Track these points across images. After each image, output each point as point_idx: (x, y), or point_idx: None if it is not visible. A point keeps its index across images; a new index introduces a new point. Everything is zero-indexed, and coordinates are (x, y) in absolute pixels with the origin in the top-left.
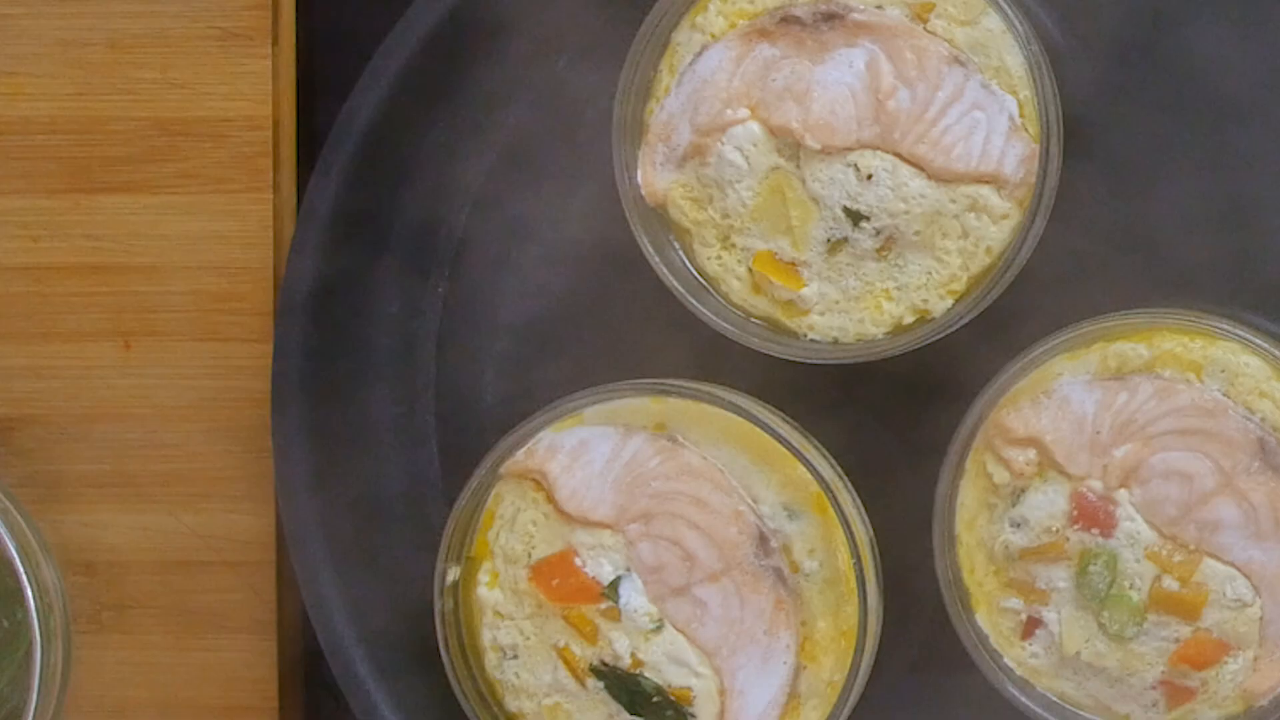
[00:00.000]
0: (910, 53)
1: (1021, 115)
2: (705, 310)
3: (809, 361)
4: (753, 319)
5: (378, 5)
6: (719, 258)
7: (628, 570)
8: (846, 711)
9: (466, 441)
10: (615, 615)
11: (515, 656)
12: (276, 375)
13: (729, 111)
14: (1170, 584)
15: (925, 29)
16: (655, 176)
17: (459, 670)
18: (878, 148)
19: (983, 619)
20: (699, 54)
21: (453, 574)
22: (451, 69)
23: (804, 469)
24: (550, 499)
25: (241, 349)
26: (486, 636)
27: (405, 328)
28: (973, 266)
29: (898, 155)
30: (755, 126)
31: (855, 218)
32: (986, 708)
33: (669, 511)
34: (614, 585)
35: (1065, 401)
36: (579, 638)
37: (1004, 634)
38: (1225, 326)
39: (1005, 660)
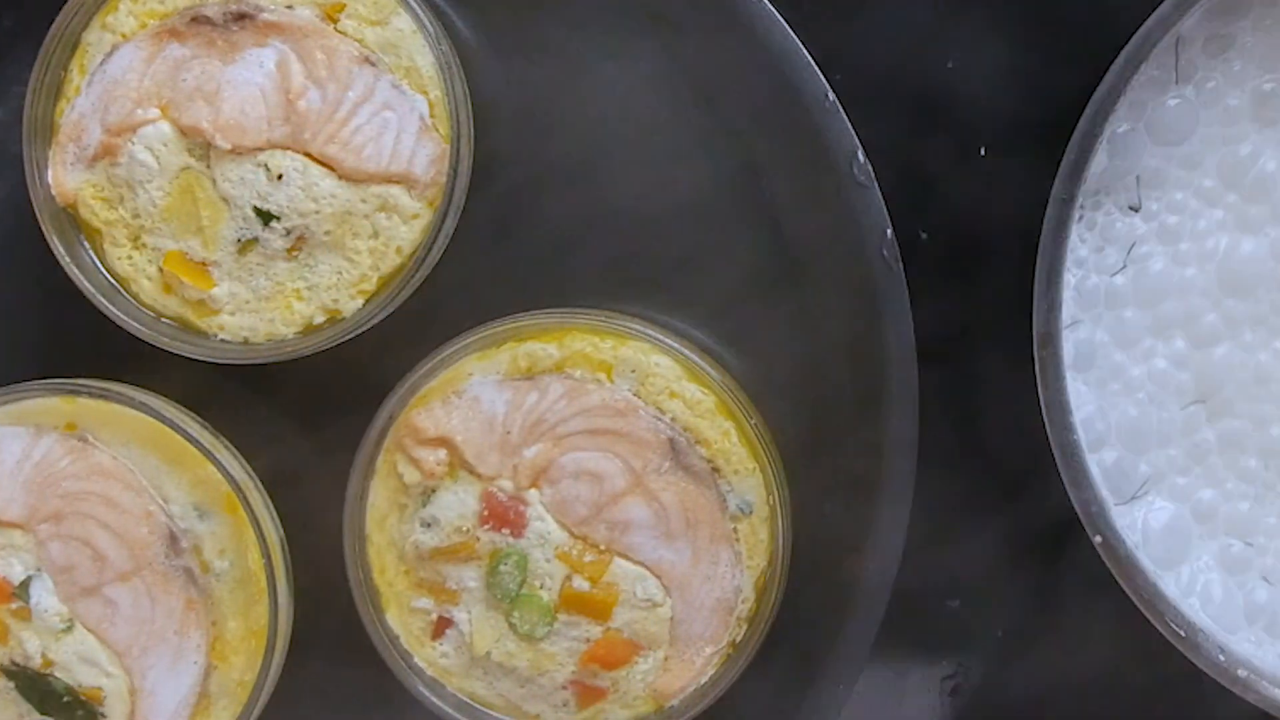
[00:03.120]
0: (320, 53)
1: (432, 115)
2: (115, 310)
3: (220, 361)
4: (164, 319)
5: None
6: (129, 258)
7: (38, 570)
8: (257, 711)
9: None
10: (26, 615)
11: None
12: None
13: (139, 111)
14: (581, 584)
15: (336, 29)
16: (65, 176)
17: None
18: (288, 148)
19: (393, 619)
20: (109, 54)
21: None
22: None
23: (214, 469)
24: None
25: None
26: None
27: None
28: (383, 266)
29: (308, 155)
30: (166, 126)
31: (265, 218)
32: (399, 708)
33: (80, 512)
34: (24, 585)
35: (476, 401)
36: None
37: (415, 634)
38: (636, 327)
39: (416, 660)
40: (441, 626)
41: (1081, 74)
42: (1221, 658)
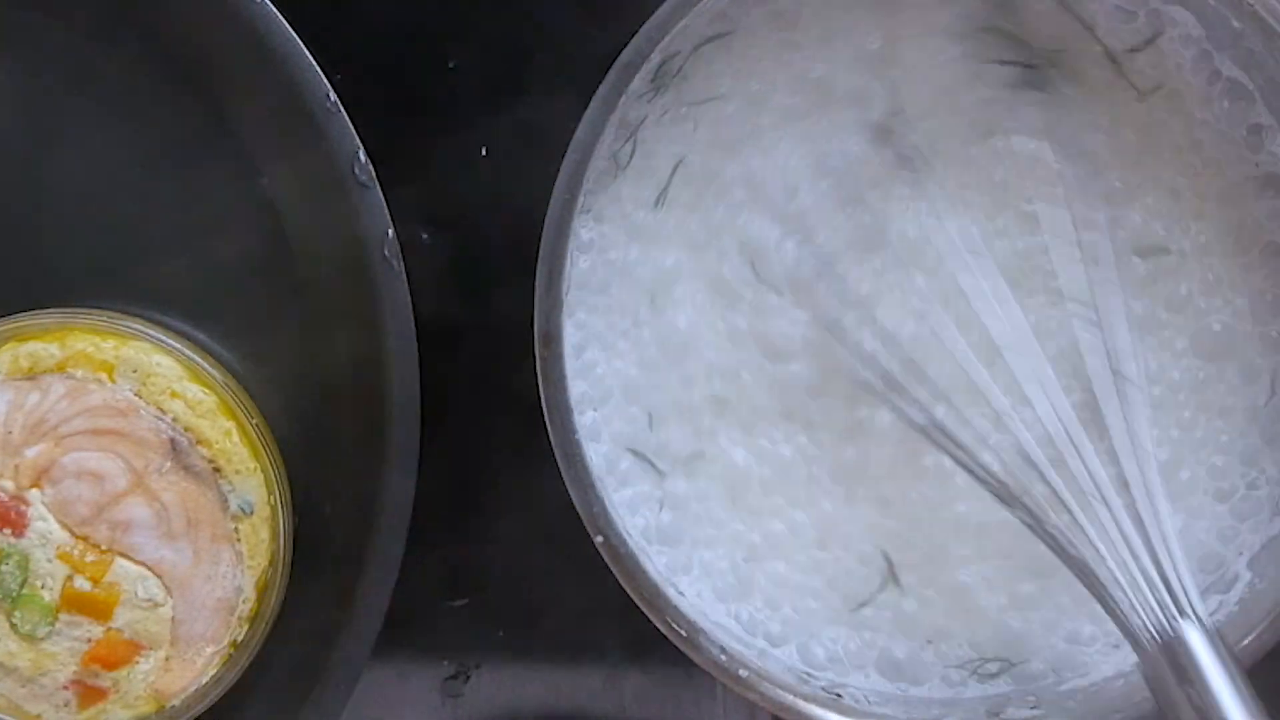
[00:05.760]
0: None
1: None
2: None
3: None
4: None
5: None
6: None
7: None
8: None
9: None
10: None
11: None
12: None
13: None
14: (83, 584)
15: None
16: None
17: None
18: None
19: None
20: None
21: None
22: None
23: None
24: None
25: None
26: None
27: None
28: None
29: None
30: None
31: None
32: None
33: None
34: None
35: None
36: None
37: None
38: (137, 327)
39: None
40: None
41: (583, 78)
42: (723, 657)
